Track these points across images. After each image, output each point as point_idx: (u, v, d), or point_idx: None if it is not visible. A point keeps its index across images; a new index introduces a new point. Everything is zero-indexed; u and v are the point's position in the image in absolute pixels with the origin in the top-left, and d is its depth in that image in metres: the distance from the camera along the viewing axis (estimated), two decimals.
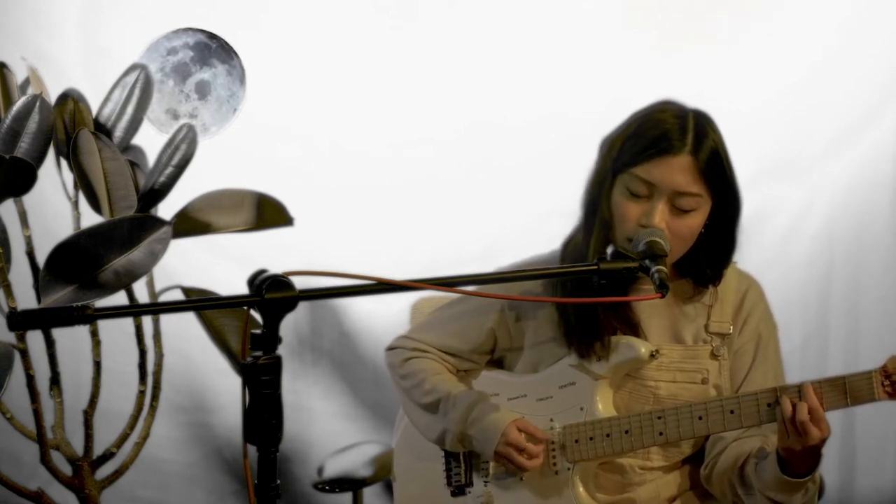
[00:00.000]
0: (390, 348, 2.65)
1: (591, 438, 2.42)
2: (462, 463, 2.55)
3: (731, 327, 2.46)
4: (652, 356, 2.41)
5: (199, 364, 3.71)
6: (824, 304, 3.72)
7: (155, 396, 3.04)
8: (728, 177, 2.36)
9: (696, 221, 2.34)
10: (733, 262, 2.47)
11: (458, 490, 2.55)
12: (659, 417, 2.36)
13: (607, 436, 2.40)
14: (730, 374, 2.45)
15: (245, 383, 1.79)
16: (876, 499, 3.74)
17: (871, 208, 3.68)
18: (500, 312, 2.53)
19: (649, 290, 2.12)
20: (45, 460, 2.92)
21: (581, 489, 2.43)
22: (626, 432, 2.39)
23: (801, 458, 2.27)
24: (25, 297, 2.86)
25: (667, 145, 2.31)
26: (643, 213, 2.31)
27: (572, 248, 2.47)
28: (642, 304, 2.44)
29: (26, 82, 2.96)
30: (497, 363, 2.60)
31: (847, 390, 2.24)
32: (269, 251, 3.21)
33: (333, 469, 3.09)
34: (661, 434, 2.37)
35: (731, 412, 2.31)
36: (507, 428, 2.42)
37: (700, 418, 2.34)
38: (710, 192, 2.33)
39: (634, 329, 2.44)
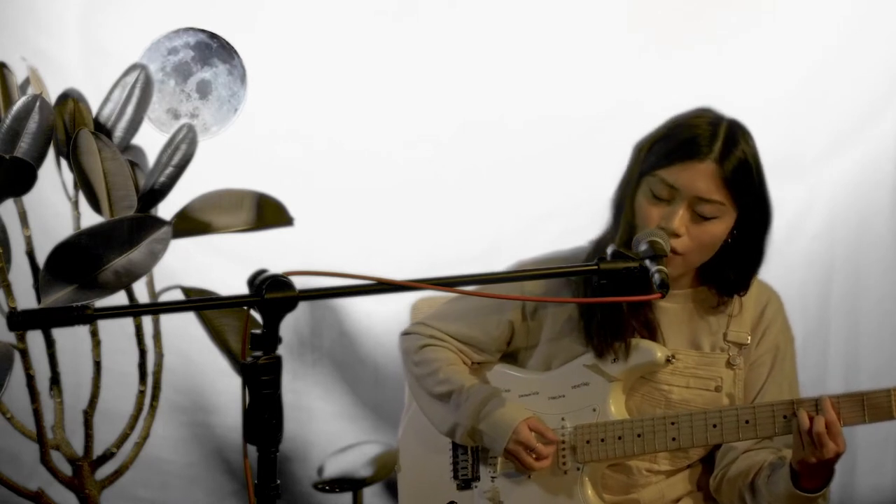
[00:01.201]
0: (406, 333, 2.64)
1: (602, 440, 2.41)
2: (470, 456, 2.55)
3: (749, 338, 2.45)
4: (668, 361, 2.41)
5: (199, 364, 3.70)
6: (824, 304, 3.71)
7: (155, 396, 3.04)
8: (756, 189, 2.35)
9: (717, 229, 2.34)
10: None
11: (465, 484, 2.55)
12: (672, 423, 2.36)
13: (619, 438, 2.39)
14: (745, 385, 2.45)
15: (245, 383, 1.79)
16: (876, 499, 3.74)
17: (871, 208, 3.67)
18: (520, 306, 2.52)
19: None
20: (45, 460, 2.92)
21: (590, 490, 2.43)
22: (639, 436, 2.38)
23: (814, 472, 2.27)
24: (25, 297, 2.85)
25: (693, 150, 2.30)
26: (664, 216, 2.31)
27: (600, 246, 2.46)
28: (663, 308, 2.44)
29: (26, 82, 2.96)
30: (510, 358, 2.59)
31: (865, 406, 2.23)
32: (269, 251, 3.20)
33: (333, 469, 3.09)
34: (673, 440, 2.36)
35: (747, 422, 2.30)
36: (518, 426, 2.41)
37: (714, 426, 2.33)
38: (733, 202, 2.32)
39: (653, 332, 2.44)
